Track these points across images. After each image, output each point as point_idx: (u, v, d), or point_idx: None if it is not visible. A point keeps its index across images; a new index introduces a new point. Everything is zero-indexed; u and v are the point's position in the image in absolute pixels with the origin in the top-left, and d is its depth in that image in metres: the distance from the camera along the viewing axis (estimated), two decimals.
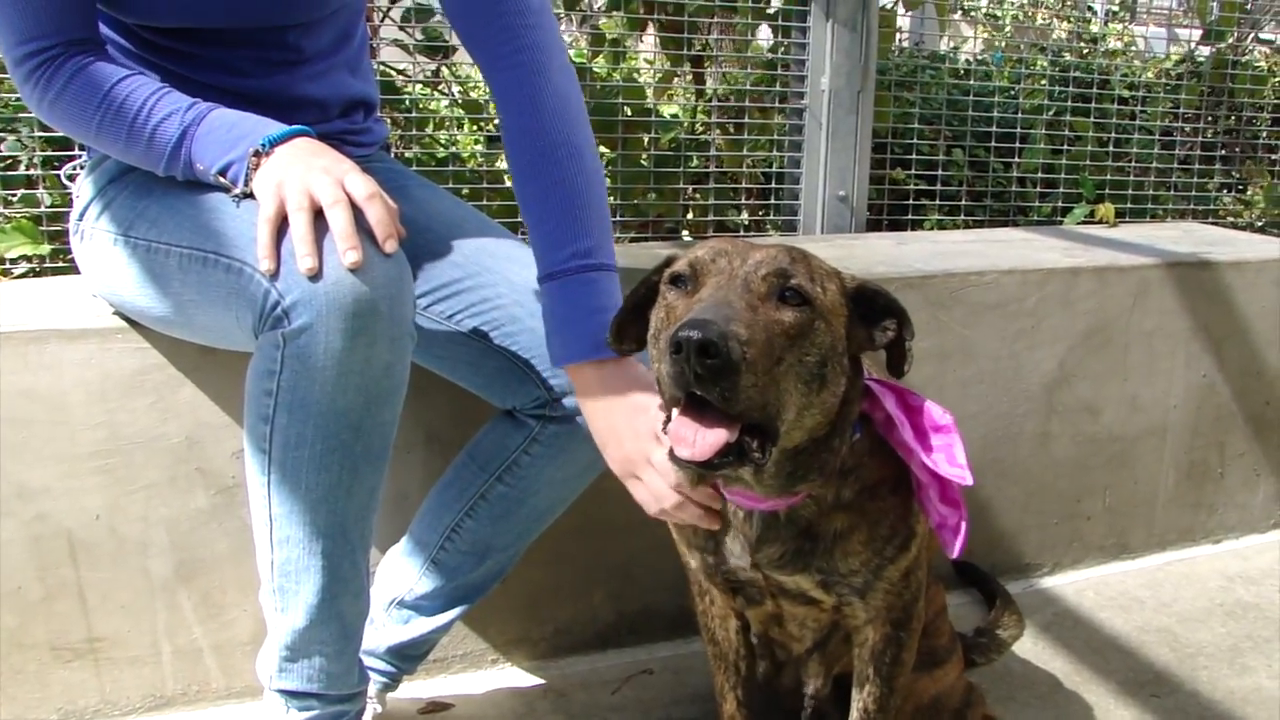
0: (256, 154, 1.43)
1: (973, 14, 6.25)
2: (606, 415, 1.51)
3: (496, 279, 1.68)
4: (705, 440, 1.19)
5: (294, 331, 1.35)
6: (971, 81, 3.23)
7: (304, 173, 1.38)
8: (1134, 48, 4.57)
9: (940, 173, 2.98)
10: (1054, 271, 2.34)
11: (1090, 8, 6.08)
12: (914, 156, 2.94)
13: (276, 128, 1.46)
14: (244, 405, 1.45)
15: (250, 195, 1.44)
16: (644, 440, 1.46)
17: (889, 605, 1.51)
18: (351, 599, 1.52)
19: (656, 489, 1.45)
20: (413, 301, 1.44)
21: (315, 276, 1.33)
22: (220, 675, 1.92)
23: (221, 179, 1.47)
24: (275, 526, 1.46)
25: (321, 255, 1.34)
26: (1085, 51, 3.91)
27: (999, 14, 6.08)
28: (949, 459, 1.47)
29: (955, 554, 1.50)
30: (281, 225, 1.37)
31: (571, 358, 1.52)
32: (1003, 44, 4.61)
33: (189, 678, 1.91)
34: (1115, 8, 5.92)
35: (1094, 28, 5.46)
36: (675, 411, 1.22)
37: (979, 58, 3.76)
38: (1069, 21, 5.76)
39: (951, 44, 4.31)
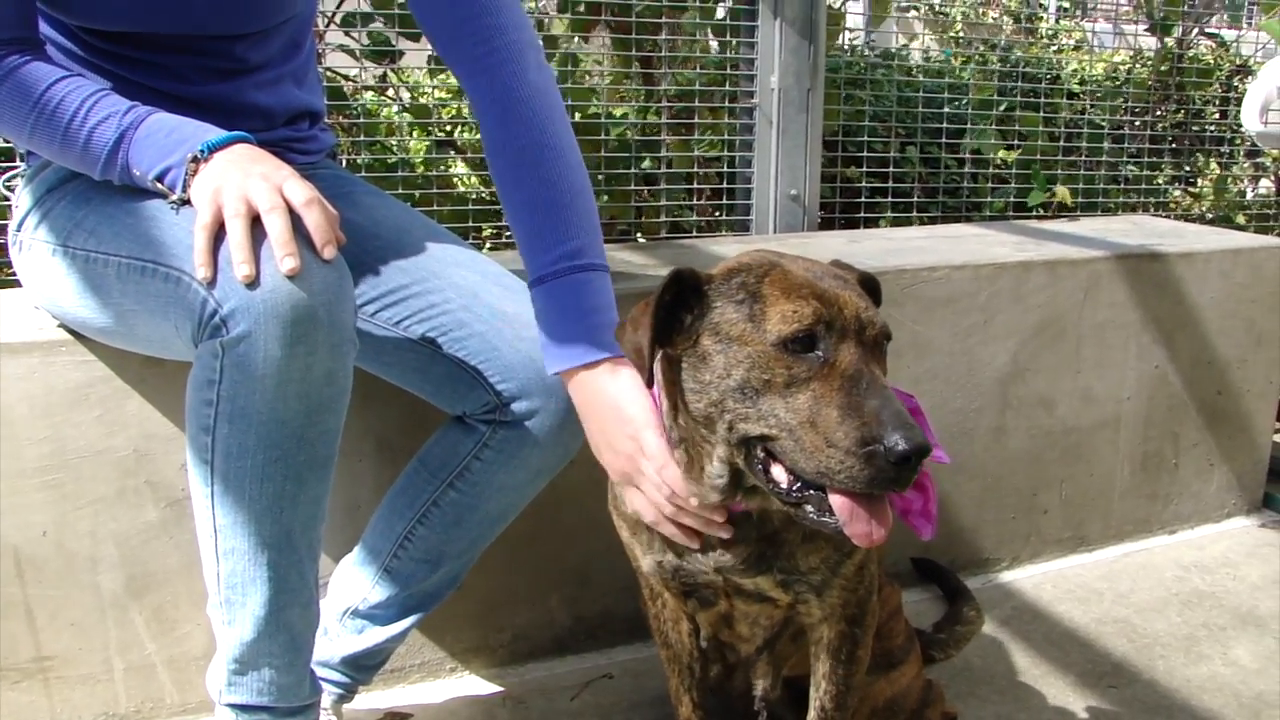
0: (195, 160, 1.41)
1: (921, 11, 6.30)
2: (600, 422, 1.48)
3: (444, 284, 1.67)
4: (884, 524, 1.23)
5: (232, 340, 1.33)
6: (922, 78, 3.24)
7: (242, 179, 1.37)
8: (1085, 44, 4.61)
9: (892, 169, 2.99)
10: (1005, 266, 2.35)
11: (1042, 4, 6.13)
12: (865, 154, 2.95)
13: (216, 133, 1.45)
14: (185, 416, 1.43)
15: (188, 202, 1.41)
16: (633, 452, 1.43)
17: (844, 602, 1.51)
18: (300, 610, 1.50)
19: (655, 500, 1.42)
20: (353, 307, 1.42)
21: (253, 284, 1.32)
22: (174, 691, 1.90)
23: (159, 185, 1.44)
24: (220, 538, 1.44)
25: (259, 262, 1.33)
26: (1033, 45, 3.94)
27: (948, 11, 6.13)
28: None
29: (927, 536, 1.49)
30: (219, 232, 1.35)
31: (564, 362, 1.51)
32: (939, 39, 4.64)
33: (142, 695, 1.89)
34: (1066, 5, 5.97)
35: (1044, 25, 5.51)
36: (831, 496, 1.22)
37: (928, 55, 3.78)
38: (1017, 21, 5.82)
39: (901, 42, 4.33)
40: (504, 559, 2.04)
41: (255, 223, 1.35)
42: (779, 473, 1.26)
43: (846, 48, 3.32)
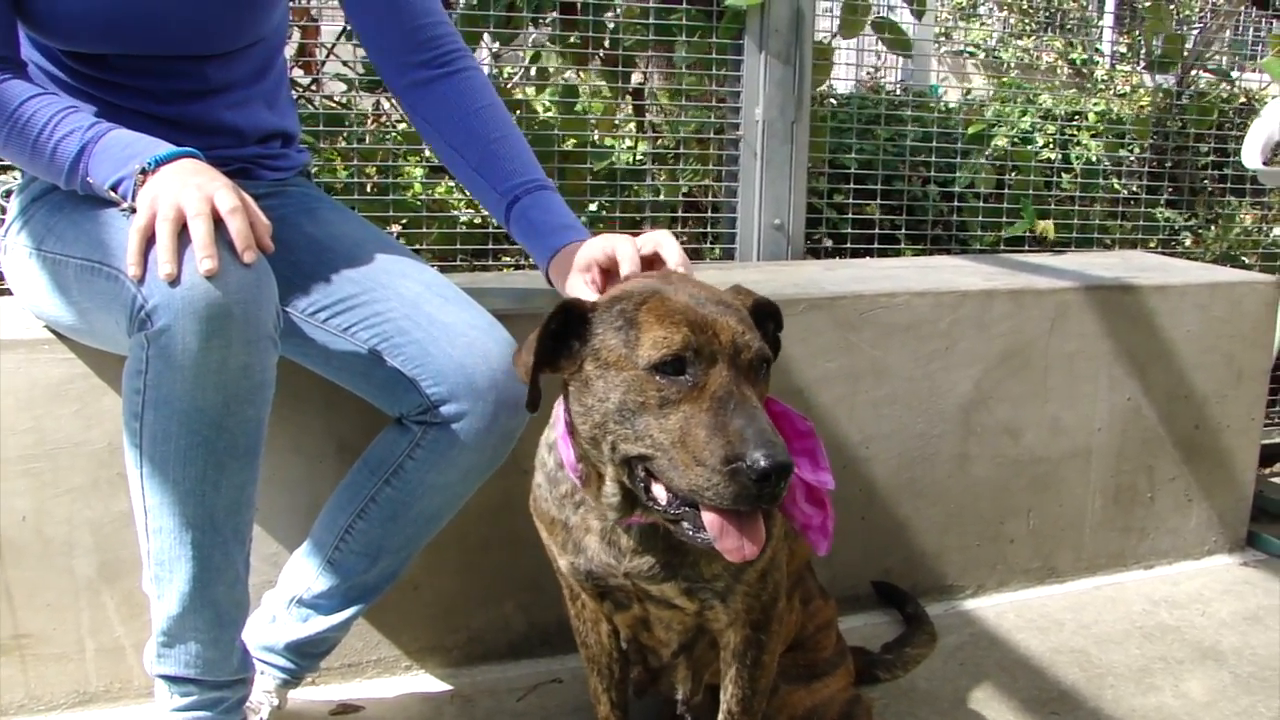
0: (143, 171, 1.54)
1: (979, 57, 6.32)
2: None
3: (389, 294, 1.78)
4: (755, 540, 1.30)
5: (156, 333, 1.45)
6: (909, 112, 3.28)
7: (178, 188, 1.49)
8: (1141, 88, 4.60)
9: (879, 201, 3.03)
10: (967, 294, 2.38)
11: (1098, 49, 6.12)
12: (851, 186, 3.00)
13: (165, 148, 1.57)
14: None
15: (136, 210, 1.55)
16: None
17: (748, 608, 1.56)
18: (225, 588, 1.60)
19: None
20: (274, 308, 1.53)
21: (174, 282, 1.44)
22: (141, 673, 1.99)
23: (113, 194, 1.58)
24: (150, 517, 1.55)
25: (182, 263, 1.44)
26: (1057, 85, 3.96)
27: (1000, 55, 6.15)
28: (811, 464, 1.53)
29: (824, 552, 1.56)
30: (154, 235, 1.48)
31: (565, 240, 1.77)
32: (989, 82, 4.66)
33: (112, 675, 2.00)
34: (1123, 49, 5.95)
35: (1100, 71, 5.50)
36: (703, 513, 1.29)
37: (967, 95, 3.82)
38: (1073, 66, 5.81)
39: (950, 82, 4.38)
40: (461, 562, 2.13)
41: (185, 228, 1.47)
42: (659, 491, 1.34)
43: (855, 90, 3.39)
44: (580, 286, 1.68)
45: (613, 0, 2.80)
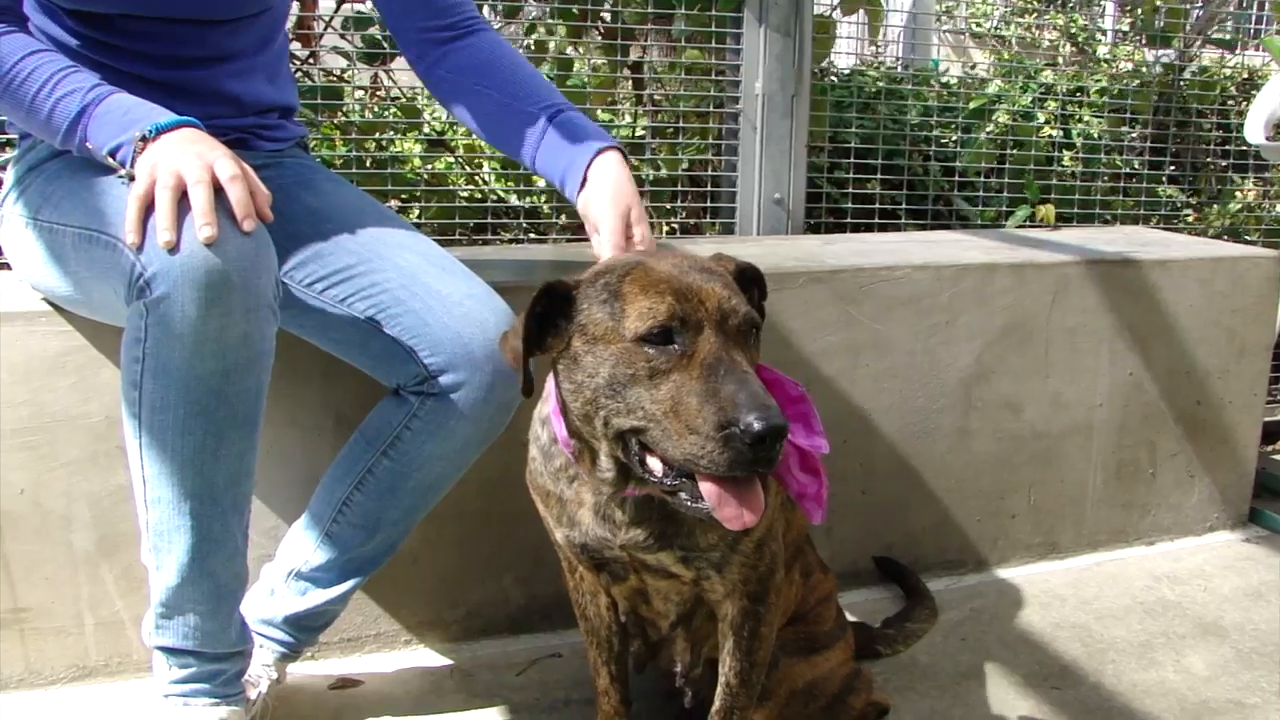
0: (143, 139, 1.52)
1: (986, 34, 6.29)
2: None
3: (386, 265, 1.77)
4: (754, 508, 1.28)
5: (155, 301, 1.44)
6: (910, 87, 3.27)
7: (178, 156, 1.48)
8: (1144, 67, 4.58)
9: (880, 177, 3.02)
10: (968, 267, 2.36)
11: (1101, 28, 6.09)
12: (852, 161, 2.98)
13: (166, 116, 1.56)
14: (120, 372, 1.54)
15: (135, 177, 1.53)
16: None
17: (745, 578, 1.55)
18: (224, 560, 1.59)
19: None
20: (273, 277, 1.52)
21: (173, 250, 1.42)
22: (141, 647, 1.99)
23: (111, 160, 1.56)
24: (148, 488, 1.55)
25: (181, 230, 1.43)
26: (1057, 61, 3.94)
27: (1003, 33, 6.11)
28: (805, 429, 1.52)
29: (818, 520, 1.54)
30: (153, 203, 1.46)
31: (602, 147, 1.77)
32: (991, 58, 4.64)
33: (111, 649, 2.00)
34: (1124, 28, 5.92)
35: (1102, 50, 5.47)
36: (700, 483, 1.28)
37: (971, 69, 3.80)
38: (1075, 44, 5.78)
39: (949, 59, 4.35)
40: (459, 536, 2.12)
41: (184, 196, 1.45)
42: (654, 463, 1.33)
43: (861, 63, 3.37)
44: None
45: None
